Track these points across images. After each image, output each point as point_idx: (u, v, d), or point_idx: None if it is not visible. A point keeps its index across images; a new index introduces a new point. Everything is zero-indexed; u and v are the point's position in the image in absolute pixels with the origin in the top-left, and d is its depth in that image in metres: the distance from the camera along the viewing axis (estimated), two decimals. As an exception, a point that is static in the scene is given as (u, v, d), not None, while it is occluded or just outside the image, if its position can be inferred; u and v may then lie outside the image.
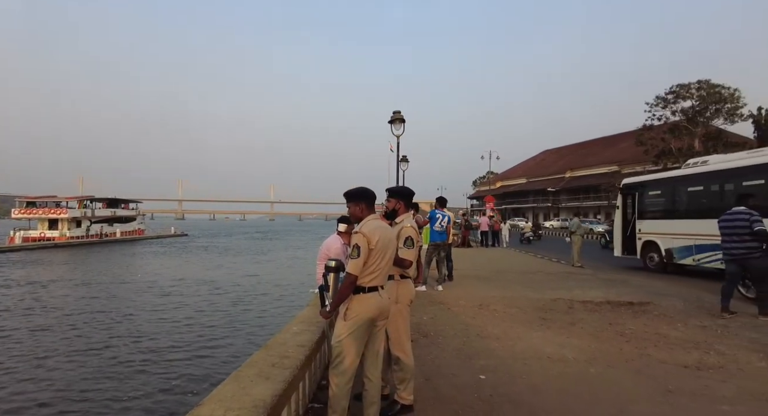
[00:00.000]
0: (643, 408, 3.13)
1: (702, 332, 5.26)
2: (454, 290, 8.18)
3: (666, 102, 36.56)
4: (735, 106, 34.28)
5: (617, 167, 48.70)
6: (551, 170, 65.09)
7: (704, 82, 34.89)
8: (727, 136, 35.61)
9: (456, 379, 3.69)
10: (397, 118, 13.34)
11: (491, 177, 74.56)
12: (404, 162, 22.08)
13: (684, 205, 11.23)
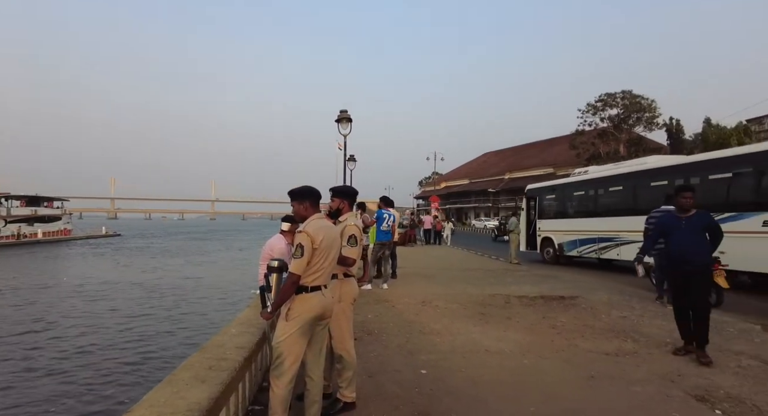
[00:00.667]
0: (569, 394, 3.38)
1: (622, 322, 5.73)
2: (398, 288, 8.32)
3: (595, 109, 39.37)
4: (652, 115, 37.64)
5: (552, 169, 51.67)
6: (492, 172, 67.77)
7: (627, 93, 37.98)
8: (646, 142, 39.09)
9: (398, 375, 3.77)
10: (344, 118, 13.34)
11: (436, 177, 76.36)
12: (351, 161, 22.09)
13: (571, 207, 13.42)
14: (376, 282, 8.51)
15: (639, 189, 10.75)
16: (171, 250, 38.08)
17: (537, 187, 15.18)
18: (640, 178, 10.78)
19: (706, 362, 4.00)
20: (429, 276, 10.33)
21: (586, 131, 40.28)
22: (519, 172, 61.03)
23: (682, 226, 4.26)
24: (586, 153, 39.27)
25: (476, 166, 77.72)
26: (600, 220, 11.71)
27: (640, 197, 10.59)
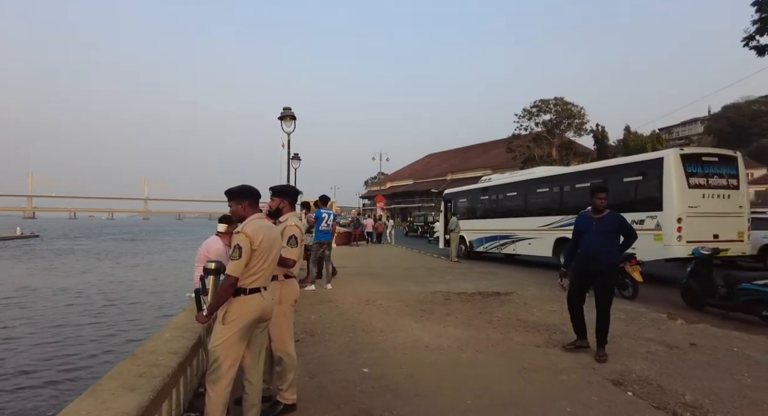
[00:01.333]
0: (502, 385, 3.57)
1: (552, 315, 6.12)
2: (343, 287, 8.32)
3: (531, 114, 41.53)
4: (581, 121, 40.39)
5: (491, 171, 53.75)
6: (435, 172, 69.47)
7: (559, 99, 40.45)
8: (576, 146, 41.85)
9: (340, 375, 3.78)
10: (288, 115, 13.09)
11: (382, 177, 76.96)
12: (296, 160, 21.71)
13: (478, 210, 15.22)
14: (320, 283, 8.46)
15: (529, 194, 12.74)
16: (99, 252, 35.32)
17: (451, 192, 17.15)
18: (529, 185, 12.77)
19: (603, 360, 4.09)
20: (373, 275, 10.42)
21: (522, 135, 42.39)
22: (460, 173, 63.00)
23: (593, 228, 4.31)
24: (522, 156, 41.31)
25: (420, 167, 79.26)
26: (500, 221, 13.58)
27: (529, 201, 12.63)
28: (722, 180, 8.91)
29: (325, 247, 8.37)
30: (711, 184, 8.78)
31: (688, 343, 4.70)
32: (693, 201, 8.50)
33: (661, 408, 3.12)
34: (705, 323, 5.66)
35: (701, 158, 9.02)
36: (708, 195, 8.70)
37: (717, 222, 8.63)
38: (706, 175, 8.81)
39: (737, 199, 8.95)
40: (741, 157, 9.55)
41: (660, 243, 8.51)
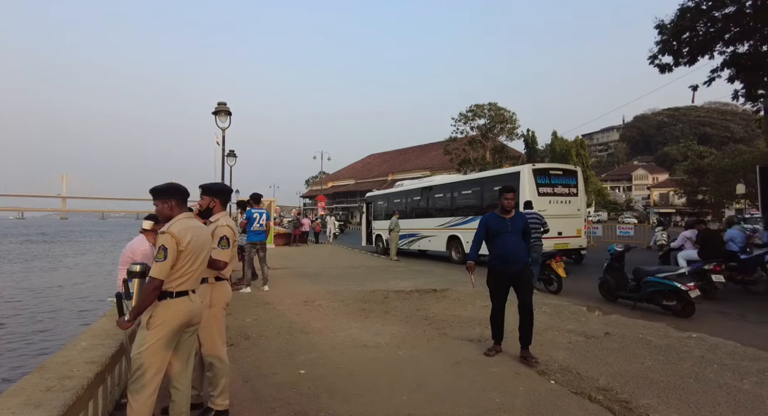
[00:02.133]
0: (437, 379, 3.68)
1: (485, 310, 6.37)
2: (280, 289, 8.14)
3: (466, 118, 43.09)
4: (513, 126, 42.60)
5: (429, 172, 55.25)
6: (376, 173, 70.04)
7: (493, 105, 42.36)
8: (508, 150, 44.06)
9: (276, 377, 3.71)
10: (223, 110, 12.55)
11: (323, 177, 76.19)
12: (231, 157, 20.88)
13: (390, 211, 16.51)
14: (256, 285, 8.22)
15: (429, 199, 14.86)
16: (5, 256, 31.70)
17: (371, 195, 18.98)
18: (430, 191, 14.96)
19: (534, 363, 3.99)
20: (312, 275, 10.29)
21: (458, 138, 43.87)
22: (400, 174, 63.97)
23: (508, 228, 4.22)
24: (458, 158, 42.76)
25: (361, 167, 79.49)
26: (409, 221, 15.27)
27: (430, 204, 14.73)
28: (565, 189, 11.34)
29: (258, 248, 8.13)
30: (556, 192, 11.15)
31: (603, 333, 5.13)
32: (542, 205, 10.41)
33: (578, 393, 3.37)
34: (618, 314, 6.20)
35: (549, 172, 11.41)
36: (554, 201, 11.04)
37: (561, 222, 10.74)
38: (552, 185, 11.17)
39: (576, 204, 11.37)
40: (580, 171, 12.12)
41: None
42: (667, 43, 11.79)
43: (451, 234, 13.26)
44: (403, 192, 16.55)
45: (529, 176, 10.89)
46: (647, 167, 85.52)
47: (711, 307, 6.76)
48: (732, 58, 12.04)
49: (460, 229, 12.93)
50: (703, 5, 11.00)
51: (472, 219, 12.43)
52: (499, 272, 4.27)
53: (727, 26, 11.14)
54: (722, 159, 48.02)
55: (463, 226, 12.87)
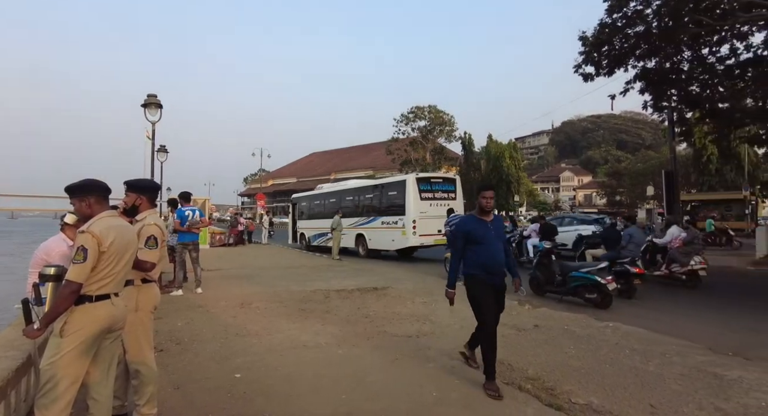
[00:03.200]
0: (376, 377, 3.72)
1: (423, 307, 6.56)
2: (215, 291, 7.80)
3: (408, 120, 43.85)
4: (451, 129, 43.97)
5: (372, 172, 55.56)
6: (318, 171, 69.20)
7: (433, 107, 43.46)
8: (447, 152, 45.42)
9: (210, 382, 3.56)
10: (153, 103, 11.80)
11: (263, 175, 74.01)
12: (162, 152, 19.68)
13: (312, 212, 18.59)
14: (189, 287, 7.82)
15: (341, 201, 16.56)
16: None
17: (296, 196, 20.58)
18: (342, 194, 16.78)
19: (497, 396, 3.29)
20: (250, 276, 9.97)
21: (400, 139, 44.52)
22: (343, 173, 63.68)
23: (491, 233, 3.59)
24: (400, 158, 43.40)
25: (303, 165, 78.22)
26: (326, 221, 16.35)
27: (344, 206, 16.12)
28: (444, 194, 13.40)
29: (191, 248, 7.73)
30: (436, 197, 13.15)
31: (532, 325, 5.45)
32: (423, 208, 12.77)
33: (510, 384, 3.57)
34: (546, 307, 6.61)
35: (430, 180, 13.52)
36: (434, 204, 12.97)
37: (441, 222, 11.92)
38: (433, 191, 13.20)
39: (454, 206, 12.89)
40: (459, 179, 14.38)
41: (405, 236, 12.86)
42: (589, 55, 12.77)
43: (358, 233, 15.09)
44: (322, 194, 18.27)
45: (413, 184, 12.94)
46: (573, 170, 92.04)
47: (626, 299, 7.41)
48: (642, 72, 13.28)
49: (365, 228, 14.86)
50: (618, 22, 12.02)
51: (373, 219, 14.28)
52: (487, 284, 3.58)
53: (638, 43, 12.27)
54: (635, 163, 52.86)
55: (366, 226, 14.74)
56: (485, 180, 41.42)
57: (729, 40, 12.51)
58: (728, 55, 12.78)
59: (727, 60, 12.90)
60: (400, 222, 13.05)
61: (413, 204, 12.70)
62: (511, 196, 43.97)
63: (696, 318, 6.43)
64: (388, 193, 13.98)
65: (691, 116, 15.94)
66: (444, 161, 44.12)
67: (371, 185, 15.74)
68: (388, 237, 13.74)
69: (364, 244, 14.89)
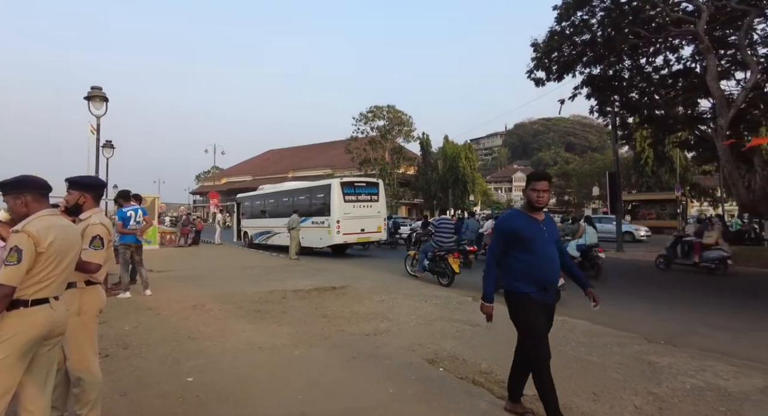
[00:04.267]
0: (332, 376, 3.72)
1: (381, 305, 6.61)
2: (166, 293, 7.49)
3: (367, 119, 43.91)
4: (410, 129, 44.48)
5: (331, 170, 55.20)
6: (275, 169, 67.79)
7: (391, 107, 43.78)
8: (406, 152, 45.88)
9: (160, 387, 3.43)
10: (97, 95, 11.13)
11: (216, 172, 71.58)
12: (108, 148, 18.56)
13: (254, 212, 19.46)
14: (137, 289, 7.47)
15: (279, 201, 17.60)
16: None
17: (240, 196, 21.52)
18: (278, 195, 17.82)
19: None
20: (203, 277, 9.65)
21: (359, 138, 44.51)
22: (301, 171, 62.84)
23: (545, 235, 2.82)
24: (359, 158, 43.39)
25: (259, 163, 76.39)
26: (265, 220, 18.04)
27: (280, 207, 17.28)
28: (368, 196, 14.79)
29: (132, 250, 7.37)
30: (359, 199, 14.52)
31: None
32: (347, 210, 14.09)
33: (463, 378, 3.67)
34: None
35: (354, 184, 14.85)
36: (357, 205, 14.38)
37: (363, 222, 14.33)
38: (357, 193, 14.54)
39: (377, 207, 14.88)
40: (382, 182, 15.94)
41: (330, 235, 14.02)
42: (540, 61, 13.34)
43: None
44: (262, 195, 19.35)
45: (337, 187, 14.22)
46: (525, 170, 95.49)
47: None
48: (588, 79, 14.05)
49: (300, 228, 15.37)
50: (566, 30, 12.64)
51: (305, 219, 15.03)
52: (538, 299, 2.81)
53: (585, 51, 12.97)
54: (583, 165, 55.71)
55: (301, 225, 15.11)
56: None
57: (663, 52, 13.50)
58: (662, 65, 13.79)
59: (662, 70, 13.92)
60: (327, 222, 14.24)
61: (337, 206, 14.00)
62: (467, 195, 45.07)
63: (634, 310, 6.89)
64: (317, 196, 15.27)
65: (632, 121, 17.04)
66: (403, 161, 44.59)
67: (303, 188, 16.94)
68: (317, 235, 14.82)
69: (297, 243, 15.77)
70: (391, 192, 42.61)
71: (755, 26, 11.84)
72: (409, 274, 9.96)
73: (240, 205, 20.85)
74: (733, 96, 11.52)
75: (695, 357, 4.25)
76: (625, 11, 11.80)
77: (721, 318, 6.30)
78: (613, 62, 13.47)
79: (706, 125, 13.71)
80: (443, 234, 9.02)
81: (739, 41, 10.97)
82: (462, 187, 45.04)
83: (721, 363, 4.05)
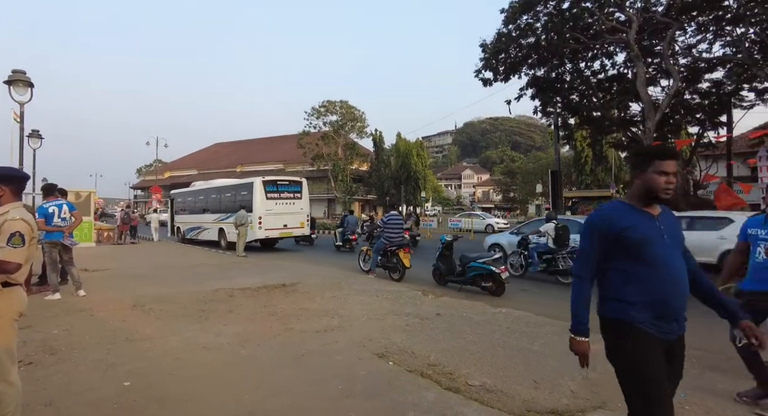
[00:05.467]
0: (280, 374, 3.66)
1: (332, 301, 6.57)
2: (103, 293, 7.02)
3: (319, 113, 43.36)
4: (363, 125, 44.44)
5: (282, 165, 54.03)
6: (223, 163, 65.39)
7: (344, 102, 43.50)
8: (359, 148, 45.81)
9: (92, 394, 3.21)
10: (20, 80, 10.18)
11: (159, 166, 67.89)
12: (35, 138, 17.06)
13: (185, 207, 19.96)
14: (69, 290, 6.95)
15: (209, 198, 18.13)
16: None
17: (173, 193, 22.08)
18: (209, 192, 18.31)
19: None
20: (143, 276, 9.14)
21: (311, 132, 43.86)
22: (251, 166, 61.01)
23: (663, 238, 1.97)
24: (311, 152, 42.78)
25: (206, 156, 73.29)
26: (196, 216, 18.63)
27: (209, 203, 17.87)
28: (290, 194, 15.55)
29: (60, 249, 6.81)
30: (282, 197, 15.27)
31: (435, 314, 5.75)
32: (269, 207, 14.81)
33: (412, 371, 3.73)
34: (447, 296, 7.02)
35: (276, 182, 15.52)
36: (280, 202, 15.15)
37: (286, 218, 15.17)
38: (279, 191, 15.30)
39: (300, 204, 15.64)
40: (305, 181, 16.42)
41: (253, 230, 14.45)
42: (488, 61, 13.76)
43: (219, 227, 16.55)
44: (193, 191, 19.74)
45: (259, 186, 14.92)
46: (473, 168, 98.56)
47: (516, 286, 8.16)
48: (533, 80, 14.68)
49: (225, 223, 16.20)
50: (513, 33, 13.14)
51: (231, 215, 15.49)
52: (649, 334, 1.93)
53: (530, 53, 13.54)
54: (527, 163, 58.19)
55: (226, 221, 16.07)
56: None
57: (600, 58, 14.39)
58: (599, 70, 14.68)
59: (599, 74, 14.81)
60: (250, 218, 14.61)
61: (259, 203, 14.73)
62: (419, 191, 45.75)
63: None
64: (241, 193, 15.81)
65: (573, 122, 18.03)
66: (356, 157, 44.45)
67: (229, 185, 17.65)
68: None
69: (224, 237, 16.33)
70: (345, 187, 42.42)
71: (677, 38, 12.88)
72: (362, 270, 9.98)
73: (173, 201, 21.35)
74: (660, 101, 12.47)
75: (625, 342, 4.57)
76: (566, 17, 12.44)
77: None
78: (556, 65, 14.18)
79: (637, 127, 14.75)
80: (392, 230, 9.10)
81: (664, 51, 11.89)
82: (414, 183, 45.64)
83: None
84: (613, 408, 3.07)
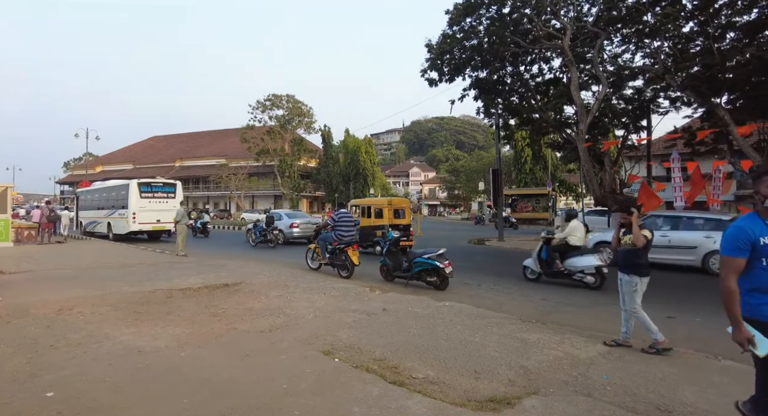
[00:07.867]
0: (223, 376, 3.56)
1: (278, 300, 6.46)
2: (23, 297, 6.44)
3: (264, 107, 42.24)
4: (310, 120, 43.85)
5: (225, 160, 52.05)
6: (160, 157, 61.98)
7: (291, 97, 42.68)
8: (307, 143, 45.17)
9: (7, 409, 2.95)
10: None
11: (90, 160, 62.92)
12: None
13: (85, 204, 22.12)
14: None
15: (101, 196, 20.43)
16: None
17: (79, 190, 24.22)
18: (102, 191, 20.66)
19: None
20: (71, 277, 8.49)
21: (256, 127, 42.62)
22: (191, 161, 58.31)
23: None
24: (256, 147, 41.58)
25: (142, 150, 69.04)
26: (93, 212, 20.90)
27: (101, 201, 20.25)
28: (164, 194, 18.26)
29: None
30: (156, 196, 17.98)
31: (381, 309, 5.83)
32: (142, 204, 17.56)
33: (358, 367, 3.77)
34: (394, 291, 7.14)
35: (150, 184, 18.38)
36: (153, 201, 17.84)
37: (159, 214, 17.72)
38: (153, 191, 18.05)
39: (173, 203, 17.65)
40: (179, 184, 19.37)
41: (128, 224, 17.37)
42: (433, 62, 14.07)
43: (108, 222, 19.18)
44: (92, 190, 22.10)
45: (134, 187, 17.67)
46: (420, 166, 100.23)
47: (459, 280, 8.45)
48: (475, 82, 15.20)
49: (111, 218, 18.90)
50: (457, 34, 13.53)
51: (114, 211, 18.57)
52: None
53: (473, 55, 14.00)
54: (471, 162, 60.16)
55: (112, 216, 18.82)
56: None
57: (538, 62, 15.16)
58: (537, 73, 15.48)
59: (537, 78, 15.61)
60: (126, 213, 17.65)
61: (134, 201, 17.49)
62: (368, 188, 45.91)
63: (512, 293, 7.69)
64: (122, 193, 18.40)
65: (514, 123, 18.86)
66: (304, 153, 43.80)
67: (115, 186, 20.27)
68: (121, 224, 18.14)
69: (111, 230, 18.96)
70: (292, 184, 41.64)
71: (605, 47, 13.87)
72: (309, 268, 9.88)
73: (78, 198, 23.67)
74: (591, 105, 13.38)
75: (557, 331, 4.90)
76: (507, 22, 13.00)
77: (580, 298, 7.32)
78: (497, 68, 14.75)
79: (571, 129, 15.72)
80: (343, 227, 9.09)
81: (594, 58, 12.76)
82: (363, 180, 45.76)
83: (576, 336, 4.73)
84: (546, 393, 3.28)
